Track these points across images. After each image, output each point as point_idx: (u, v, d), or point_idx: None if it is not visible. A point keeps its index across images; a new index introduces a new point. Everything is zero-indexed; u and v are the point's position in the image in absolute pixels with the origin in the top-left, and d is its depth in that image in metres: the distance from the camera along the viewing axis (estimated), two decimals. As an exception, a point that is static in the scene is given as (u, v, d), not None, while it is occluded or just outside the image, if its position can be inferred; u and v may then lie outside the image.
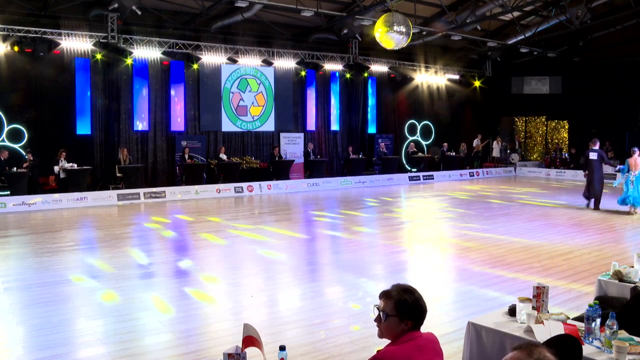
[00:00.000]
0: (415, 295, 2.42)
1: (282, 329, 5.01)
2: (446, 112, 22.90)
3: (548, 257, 7.77)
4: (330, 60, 19.13)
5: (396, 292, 2.42)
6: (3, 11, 13.90)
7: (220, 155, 16.90)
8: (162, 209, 13.36)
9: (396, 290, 2.43)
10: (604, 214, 11.81)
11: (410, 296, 2.41)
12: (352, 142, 20.32)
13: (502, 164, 23.04)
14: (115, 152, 15.61)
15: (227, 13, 16.40)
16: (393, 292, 2.42)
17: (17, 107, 14.38)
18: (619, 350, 2.89)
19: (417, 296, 2.43)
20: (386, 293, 2.44)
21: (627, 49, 20.14)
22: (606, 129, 21.79)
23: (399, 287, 2.45)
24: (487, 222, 10.84)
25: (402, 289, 2.44)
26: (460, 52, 22.08)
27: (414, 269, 7.52)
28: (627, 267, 4.55)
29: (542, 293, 3.61)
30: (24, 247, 9.13)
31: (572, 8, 16.49)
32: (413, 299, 2.40)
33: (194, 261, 7.86)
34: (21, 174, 13.44)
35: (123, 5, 14.15)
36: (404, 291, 2.42)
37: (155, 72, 16.43)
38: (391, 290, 2.44)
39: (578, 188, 15.74)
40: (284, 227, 10.56)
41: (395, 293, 2.41)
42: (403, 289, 2.44)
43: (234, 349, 2.60)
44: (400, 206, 14.38)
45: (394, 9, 12.90)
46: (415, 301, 2.40)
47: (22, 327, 5.09)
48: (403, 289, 2.44)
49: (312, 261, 7.90)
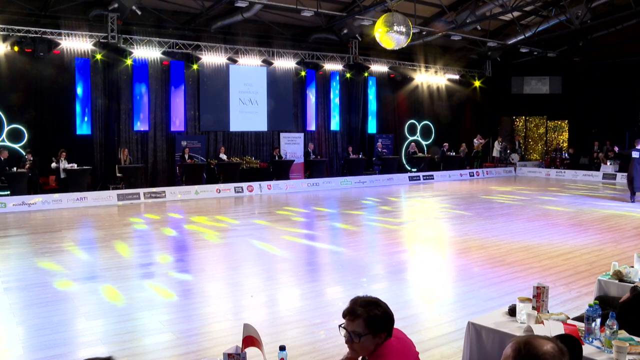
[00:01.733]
0: (382, 307, 2.29)
1: (282, 329, 5.01)
2: (446, 112, 22.92)
3: (548, 257, 7.77)
4: (330, 60, 19.14)
5: (362, 308, 2.26)
6: (3, 11, 13.91)
7: (220, 155, 16.90)
8: (162, 209, 13.36)
9: (361, 306, 2.27)
10: (605, 214, 11.83)
11: (379, 309, 2.27)
12: (352, 142, 20.33)
13: (502, 164, 23.04)
14: (115, 152, 15.61)
15: (227, 13, 16.40)
16: (359, 309, 2.26)
17: (17, 107, 14.38)
18: (619, 350, 2.89)
19: (384, 307, 2.30)
20: (351, 311, 2.28)
21: (627, 49, 20.15)
22: (606, 129, 21.81)
23: (363, 302, 2.29)
24: (487, 222, 10.84)
25: (367, 302, 2.29)
26: (460, 52, 22.08)
27: (414, 269, 7.52)
28: (627, 267, 4.56)
29: (542, 293, 3.61)
30: (24, 247, 9.13)
31: (572, 8, 16.49)
32: (382, 311, 2.27)
33: (193, 261, 7.86)
34: (21, 174, 13.44)
35: (123, 5, 14.16)
36: (369, 305, 2.28)
37: (155, 72, 16.43)
38: (356, 308, 2.27)
39: (579, 189, 15.70)
40: (284, 227, 10.56)
41: (362, 310, 2.25)
42: (367, 303, 2.29)
43: (234, 349, 2.60)
44: (400, 206, 14.39)
45: (394, 9, 12.90)
46: (384, 312, 2.28)
47: (22, 327, 5.09)
48: (367, 303, 2.29)
49: (312, 261, 7.90)
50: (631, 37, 19.30)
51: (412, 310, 5.54)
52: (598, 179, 19.81)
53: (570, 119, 23.80)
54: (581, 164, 21.46)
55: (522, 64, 23.11)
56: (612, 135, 21.33)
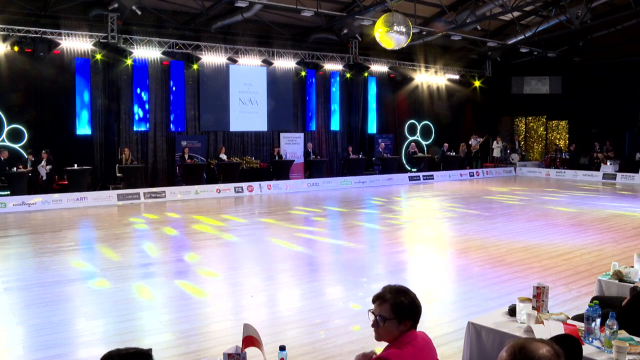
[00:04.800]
0: (410, 295, 2.39)
1: (282, 329, 5.01)
2: (446, 112, 22.92)
3: (548, 257, 7.76)
4: (330, 60, 19.13)
5: (390, 294, 2.37)
6: (3, 11, 13.90)
7: (220, 155, 16.90)
8: (162, 209, 13.36)
9: (390, 292, 2.38)
10: (605, 214, 11.82)
11: (406, 297, 2.37)
12: (352, 142, 20.32)
13: (502, 164, 23.04)
14: (115, 152, 15.61)
15: (227, 13, 16.40)
16: (387, 294, 2.37)
17: (17, 107, 14.38)
18: (619, 350, 2.89)
19: (412, 296, 2.39)
20: (380, 296, 2.39)
21: (627, 49, 20.14)
22: (606, 129, 21.80)
23: (393, 289, 2.40)
24: (487, 222, 10.84)
25: (396, 290, 2.39)
26: (460, 52, 22.08)
27: (414, 269, 7.52)
28: (627, 267, 4.56)
29: (542, 293, 3.61)
30: (24, 247, 9.13)
31: (572, 8, 16.49)
32: (409, 300, 2.37)
33: (194, 261, 7.86)
34: (21, 174, 13.45)
35: (123, 5, 14.16)
36: (398, 292, 2.38)
37: (155, 72, 16.43)
38: (385, 293, 2.38)
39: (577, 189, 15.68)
40: (284, 227, 10.55)
41: (390, 296, 2.36)
42: (397, 290, 2.39)
43: (234, 349, 2.61)
44: (400, 206, 14.38)
45: (394, 9, 12.91)
46: (411, 301, 2.37)
47: (22, 327, 5.09)
48: (397, 290, 2.39)
49: (312, 261, 7.90)
50: (631, 37, 19.29)
51: (412, 310, 5.53)
52: (598, 179, 19.80)
53: (570, 119, 23.80)
54: (581, 164, 21.45)
55: (522, 64, 23.11)
56: (612, 135, 21.33)
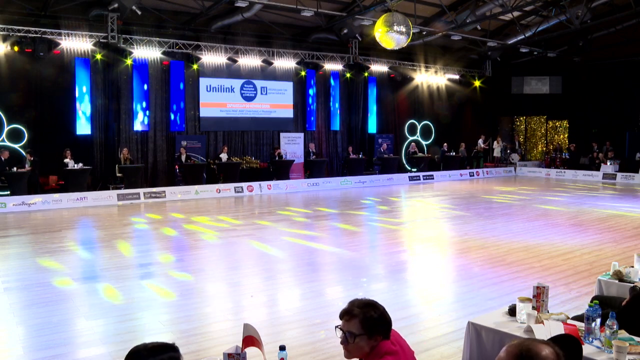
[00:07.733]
0: (379, 309, 2.31)
1: (282, 329, 5.01)
2: (446, 112, 22.92)
3: (548, 257, 7.76)
4: (330, 60, 19.13)
5: (359, 309, 2.28)
6: (3, 11, 13.90)
7: (221, 155, 16.90)
8: (162, 209, 13.36)
9: (358, 307, 2.30)
10: (605, 214, 11.82)
11: (375, 310, 2.29)
12: (352, 142, 20.33)
13: (502, 163, 23.05)
14: (115, 152, 15.61)
15: (227, 13, 16.40)
16: (355, 309, 2.29)
17: (17, 107, 14.38)
18: (619, 350, 2.89)
19: (381, 309, 2.31)
20: (348, 311, 2.30)
21: (627, 49, 20.15)
22: (606, 129, 21.81)
23: (361, 303, 2.32)
24: (487, 222, 10.84)
25: (364, 304, 2.31)
26: (460, 52, 22.08)
27: (414, 269, 7.51)
28: (627, 267, 4.56)
29: (542, 293, 3.61)
30: (24, 247, 9.13)
31: (572, 8, 16.50)
32: (379, 313, 2.29)
33: (193, 261, 7.86)
34: (21, 174, 13.44)
35: (123, 5, 14.16)
36: (366, 306, 2.30)
37: (155, 72, 16.42)
38: (352, 308, 2.29)
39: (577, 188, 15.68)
40: (284, 227, 10.55)
41: (359, 310, 2.28)
42: (365, 304, 2.31)
43: (234, 349, 2.60)
44: (400, 206, 14.38)
45: (394, 9, 12.91)
46: (381, 315, 2.29)
47: (22, 327, 5.09)
48: (365, 304, 2.31)
49: (312, 261, 7.89)
50: (631, 37, 19.29)
51: (412, 310, 5.54)
52: (598, 179, 19.81)
53: (570, 119, 23.80)
54: (581, 164, 21.45)
55: (522, 64, 23.11)
56: (612, 136, 21.33)
